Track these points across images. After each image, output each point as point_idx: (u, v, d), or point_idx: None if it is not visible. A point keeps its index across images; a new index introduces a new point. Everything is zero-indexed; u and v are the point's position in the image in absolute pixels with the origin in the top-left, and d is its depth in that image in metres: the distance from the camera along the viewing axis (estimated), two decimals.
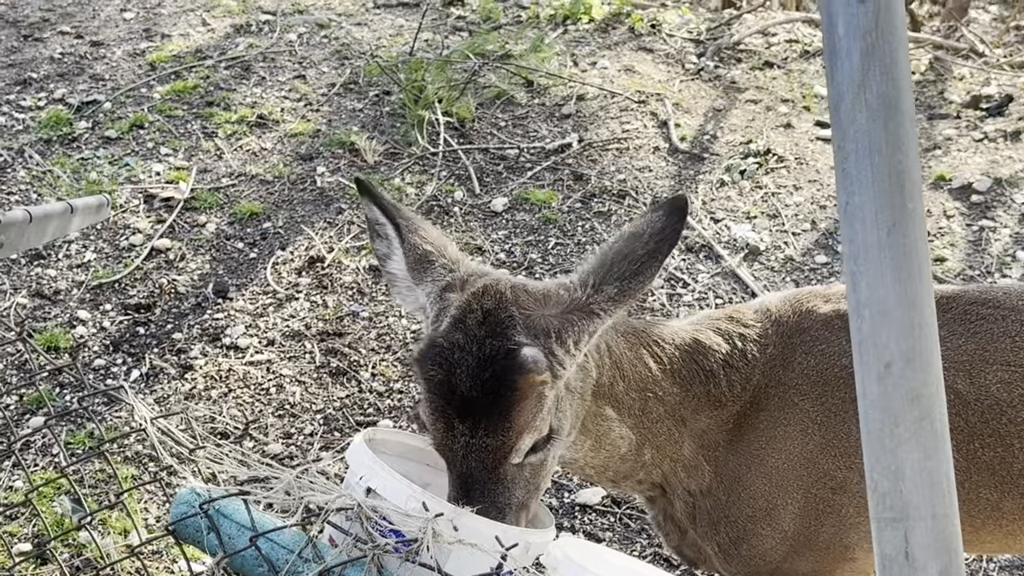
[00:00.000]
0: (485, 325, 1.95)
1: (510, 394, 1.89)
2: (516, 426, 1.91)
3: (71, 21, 6.87)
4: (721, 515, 2.44)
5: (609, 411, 2.26)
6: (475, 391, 1.90)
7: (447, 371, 1.93)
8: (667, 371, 2.34)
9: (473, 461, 1.92)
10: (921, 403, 1.32)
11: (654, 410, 2.33)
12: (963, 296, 2.45)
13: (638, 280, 2.00)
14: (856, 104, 1.36)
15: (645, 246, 2.01)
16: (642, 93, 6.28)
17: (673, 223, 2.02)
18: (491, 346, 1.93)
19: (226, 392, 4.16)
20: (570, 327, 1.99)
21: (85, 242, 4.91)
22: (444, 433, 1.95)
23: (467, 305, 1.99)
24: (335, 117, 5.93)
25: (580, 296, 2.02)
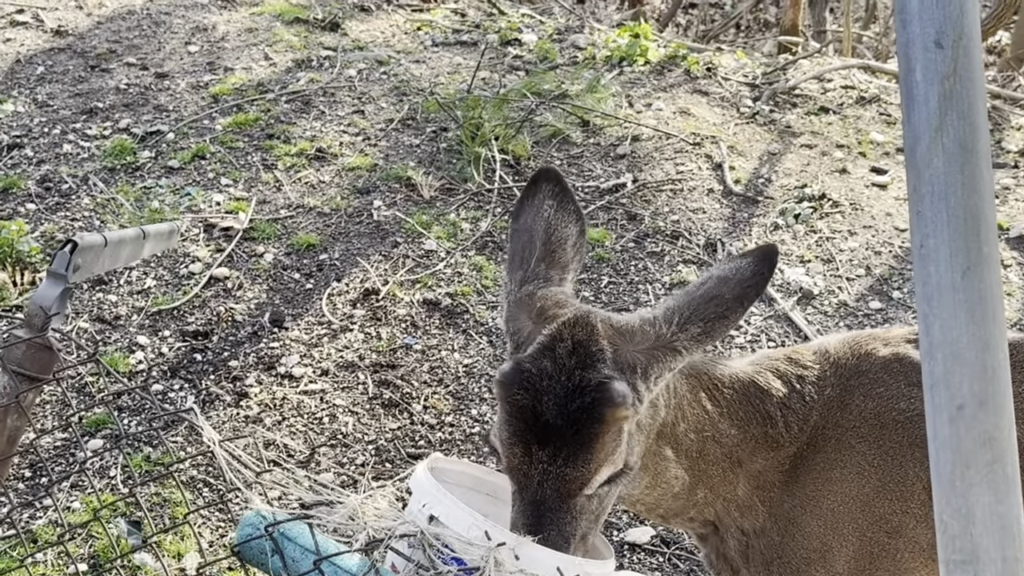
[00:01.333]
0: (575, 356, 1.97)
1: (596, 426, 1.91)
2: (597, 458, 1.92)
3: (137, 53, 7.02)
4: (775, 555, 2.43)
5: (668, 451, 2.27)
6: (561, 420, 1.92)
7: (533, 397, 1.94)
8: (724, 413, 2.35)
9: (548, 489, 1.92)
10: (993, 446, 1.32)
11: (711, 452, 2.33)
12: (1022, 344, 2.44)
13: (722, 323, 2.02)
14: (932, 148, 1.38)
15: (732, 291, 2.02)
16: (697, 135, 6.31)
17: (761, 271, 2.03)
18: (581, 377, 1.94)
19: (280, 420, 4.20)
20: (655, 363, 2.00)
21: (146, 269, 5.00)
22: (521, 458, 1.95)
23: (557, 334, 2.00)
24: (392, 152, 6.00)
25: (665, 333, 2.03)
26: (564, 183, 2.33)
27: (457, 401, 4.35)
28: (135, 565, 3.53)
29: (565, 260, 2.26)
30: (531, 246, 2.25)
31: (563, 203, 2.30)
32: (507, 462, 1.98)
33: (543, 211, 2.28)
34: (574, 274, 2.28)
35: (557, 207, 2.29)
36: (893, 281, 5.11)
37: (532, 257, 2.24)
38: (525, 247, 2.25)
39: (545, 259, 2.24)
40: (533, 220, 2.28)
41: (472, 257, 5.16)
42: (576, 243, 2.30)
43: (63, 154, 5.88)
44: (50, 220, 5.32)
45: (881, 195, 5.83)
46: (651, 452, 2.22)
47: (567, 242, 2.28)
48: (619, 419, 1.92)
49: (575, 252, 2.29)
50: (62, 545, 3.38)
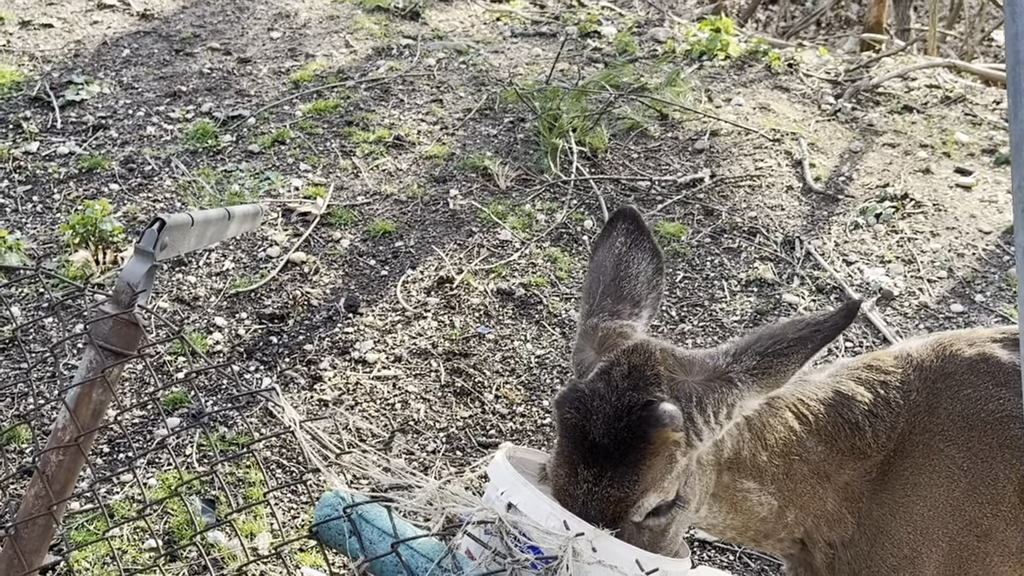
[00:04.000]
0: (629, 379, 1.96)
1: (642, 446, 1.89)
2: (643, 481, 1.90)
3: (220, 38, 7.11)
4: (863, 565, 2.39)
5: (748, 483, 2.24)
6: (607, 439, 1.91)
7: (583, 416, 1.94)
8: (812, 430, 2.32)
9: (593, 511, 1.89)
10: None
11: (798, 471, 2.30)
12: None
13: (781, 361, 1.98)
14: None
15: (798, 332, 2.00)
16: (777, 131, 6.23)
17: (837, 320, 2.00)
18: (630, 398, 1.93)
19: (353, 405, 4.23)
20: (710, 394, 1.98)
21: (224, 252, 5.07)
22: (567, 479, 1.94)
23: (616, 359, 2.00)
24: (469, 141, 6.02)
25: (721, 364, 2.02)
26: (641, 222, 2.34)
27: (529, 391, 4.35)
28: (208, 543, 3.58)
29: (636, 296, 2.25)
30: (600, 282, 2.26)
31: (637, 241, 2.31)
32: (554, 483, 1.97)
33: (615, 247, 2.29)
34: (650, 311, 2.27)
35: (630, 244, 2.30)
36: (976, 284, 5.01)
37: (598, 292, 2.25)
38: (595, 283, 2.26)
39: (612, 294, 2.25)
40: (605, 256, 2.29)
41: (547, 248, 5.15)
42: (651, 280, 2.29)
43: (146, 136, 5.98)
44: (133, 201, 5.41)
45: (965, 196, 5.71)
46: (723, 485, 2.20)
47: (638, 278, 2.28)
48: (666, 441, 1.89)
49: (649, 289, 2.29)
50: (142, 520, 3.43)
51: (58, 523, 2.36)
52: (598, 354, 2.09)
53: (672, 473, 1.95)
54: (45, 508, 2.28)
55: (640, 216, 2.35)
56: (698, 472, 2.07)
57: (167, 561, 3.50)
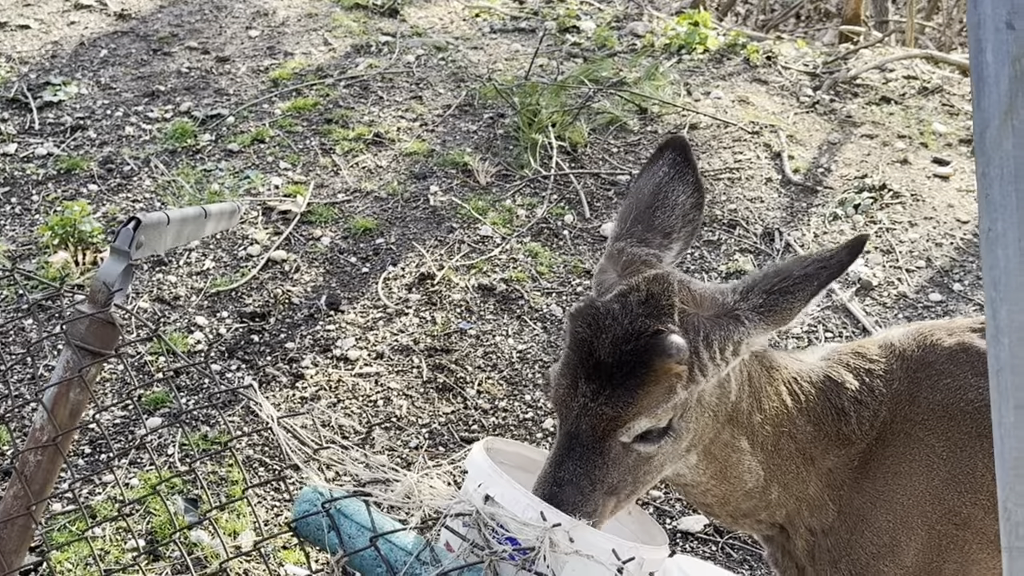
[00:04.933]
0: (645, 305, 1.98)
1: (643, 372, 1.91)
2: (637, 405, 1.92)
3: (198, 37, 7.09)
4: (843, 553, 2.40)
5: (743, 442, 2.25)
6: (612, 359, 1.94)
7: (593, 333, 1.97)
8: (802, 408, 2.33)
9: (584, 424, 1.94)
10: None
11: (786, 447, 2.31)
12: None
13: (786, 298, 1.99)
14: (1003, 130, 1.35)
15: (804, 268, 2.01)
16: (756, 124, 6.25)
17: (842, 256, 2.00)
18: (642, 324, 1.96)
19: (335, 402, 4.23)
20: (716, 330, 2.00)
21: (205, 251, 5.06)
22: (567, 390, 1.98)
23: (636, 284, 2.02)
24: (449, 138, 6.02)
25: (729, 301, 2.03)
26: (689, 154, 2.33)
27: (511, 386, 4.36)
28: (191, 542, 3.58)
29: (669, 227, 2.25)
30: (635, 207, 2.26)
31: (681, 172, 2.31)
32: (554, 393, 2.01)
33: (657, 175, 2.29)
34: (681, 245, 2.27)
35: (673, 175, 2.30)
36: (954, 273, 5.04)
37: (631, 217, 2.25)
38: (629, 208, 2.27)
39: (644, 221, 2.25)
40: (645, 183, 2.29)
41: (527, 243, 5.16)
42: (688, 214, 2.29)
43: (125, 136, 5.96)
44: (112, 201, 5.40)
45: (943, 186, 5.75)
46: (723, 441, 2.21)
47: (675, 209, 2.27)
48: (669, 371, 1.92)
49: (684, 223, 2.29)
50: (122, 519, 3.43)
51: (38, 523, 2.35)
52: (620, 277, 2.11)
53: (669, 403, 1.97)
54: (24, 508, 2.28)
55: (689, 148, 2.33)
56: (697, 410, 2.08)
57: (149, 561, 3.50)
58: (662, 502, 3.89)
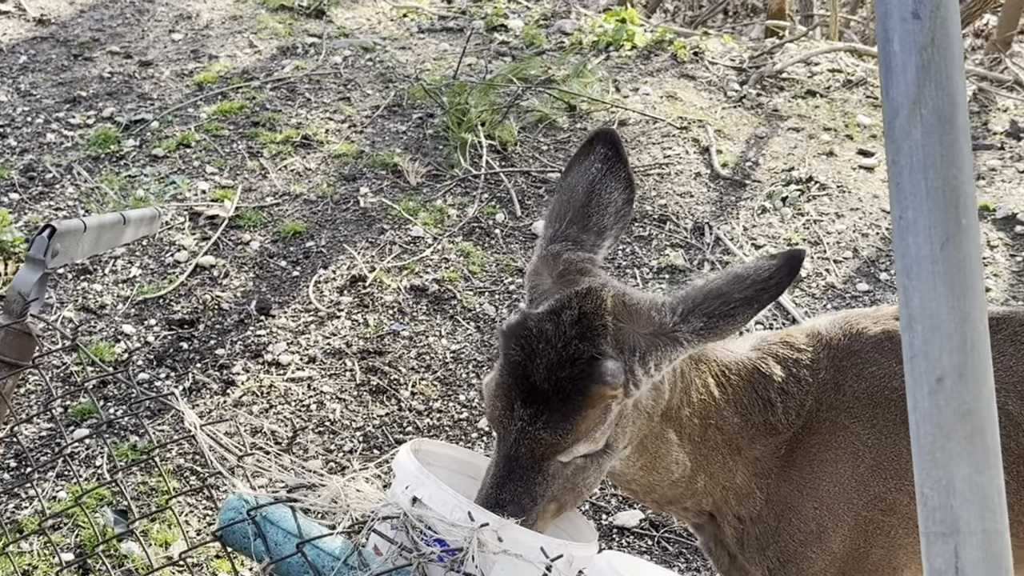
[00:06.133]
0: (578, 326, 1.96)
1: (579, 399, 1.91)
2: (575, 431, 1.92)
3: (120, 41, 6.98)
4: (771, 540, 2.43)
5: (671, 435, 2.26)
6: (547, 385, 1.93)
7: (527, 356, 1.95)
8: (730, 400, 2.34)
9: (523, 448, 1.94)
10: (973, 418, 1.32)
11: (713, 438, 2.32)
12: (1013, 318, 2.44)
13: (727, 321, 1.98)
14: (911, 119, 1.37)
15: (744, 291, 1.98)
16: (684, 119, 6.29)
17: (781, 276, 1.98)
18: (577, 348, 1.94)
19: (267, 408, 4.19)
20: (654, 350, 1.98)
21: (131, 258, 4.98)
22: (503, 412, 1.97)
23: (568, 301, 1.99)
24: (378, 139, 5.98)
25: (667, 322, 2.01)
26: (620, 148, 2.30)
27: (444, 387, 4.34)
28: (122, 554, 3.51)
29: (602, 226, 2.24)
30: (569, 206, 2.24)
31: (613, 168, 2.28)
32: (490, 411, 2.00)
33: (589, 173, 2.27)
34: (612, 242, 2.26)
35: (606, 171, 2.27)
36: (880, 263, 5.11)
37: (566, 217, 2.23)
38: (563, 206, 2.24)
39: (579, 222, 2.23)
40: (577, 180, 2.27)
41: (459, 243, 5.15)
42: (620, 211, 2.27)
43: (47, 143, 5.85)
44: (34, 210, 5.29)
45: (868, 177, 5.83)
46: (653, 434, 2.21)
47: (608, 208, 2.26)
48: (605, 397, 1.92)
49: (616, 219, 2.27)
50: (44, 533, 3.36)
51: None
52: (554, 284, 2.08)
53: (605, 423, 1.97)
54: None
55: (619, 141, 2.31)
56: (633, 414, 2.08)
57: (80, 575, 3.43)
58: (598, 498, 3.90)
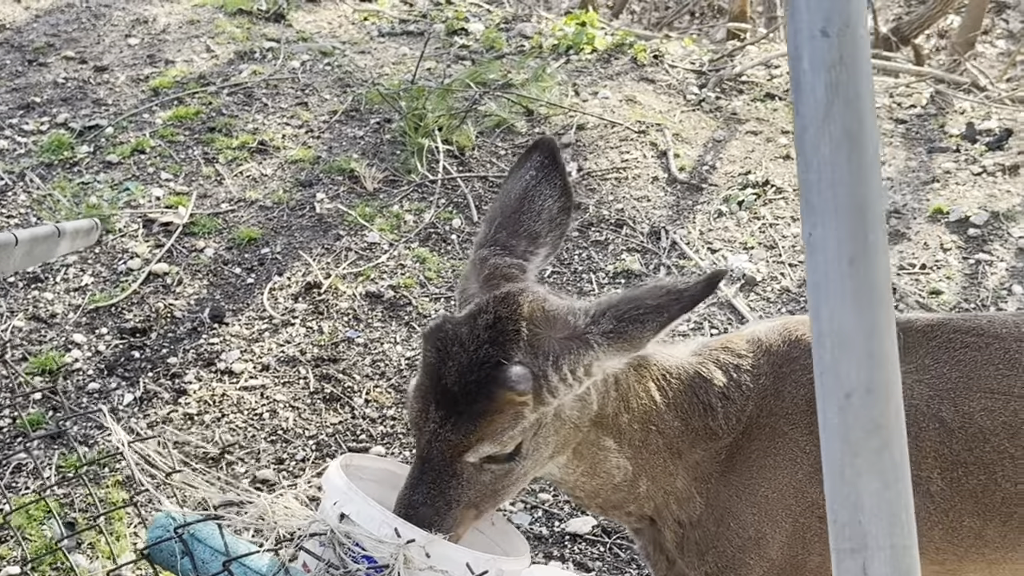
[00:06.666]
0: (491, 330, 1.98)
1: (485, 403, 1.93)
2: (479, 433, 1.95)
3: (75, 46, 6.92)
4: (710, 545, 2.44)
5: (609, 442, 2.27)
6: (457, 387, 1.95)
7: (441, 358, 1.98)
8: (670, 404, 2.35)
9: (435, 449, 1.96)
10: (881, 434, 1.33)
11: (654, 442, 2.33)
12: (947, 324, 2.46)
13: (636, 327, 1.98)
14: (820, 136, 1.37)
15: (657, 298, 1.99)
16: (642, 123, 6.31)
17: (697, 289, 1.98)
18: (486, 353, 1.96)
19: (219, 417, 4.16)
20: (566, 353, 2.00)
21: (83, 266, 4.94)
22: (418, 413, 2.01)
23: (484, 306, 2.02)
24: (336, 144, 5.96)
25: (580, 324, 2.02)
26: (557, 156, 2.32)
27: (399, 394, 4.33)
28: (69, 566, 3.48)
29: (535, 232, 2.26)
30: (501, 212, 2.26)
31: (549, 176, 2.30)
32: (409, 413, 2.04)
33: (523, 179, 2.29)
34: (548, 250, 2.28)
35: (540, 179, 2.29)
36: None
37: (495, 223, 2.25)
38: (495, 212, 2.26)
39: (509, 227, 2.25)
40: (512, 187, 2.29)
41: (415, 249, 5.13)
42: (555, 219, 2.29)
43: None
44: None
45: None
46: (588, 442, 2.23)
47: (541, 214, 2.28)
48: (512, 402, 1.93)
49: (551, 227, 2.29)
50: None
51: None
52: (480, 288, 2.11)
53: (516, 428, 1.98)
54: None
55: (558, 150, 2.32)
56: (555, 424, 2.09)
57: None
58: (551, 504, 3.90)
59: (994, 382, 2.35)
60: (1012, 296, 4.90)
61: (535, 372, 1.96)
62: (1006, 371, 2.36)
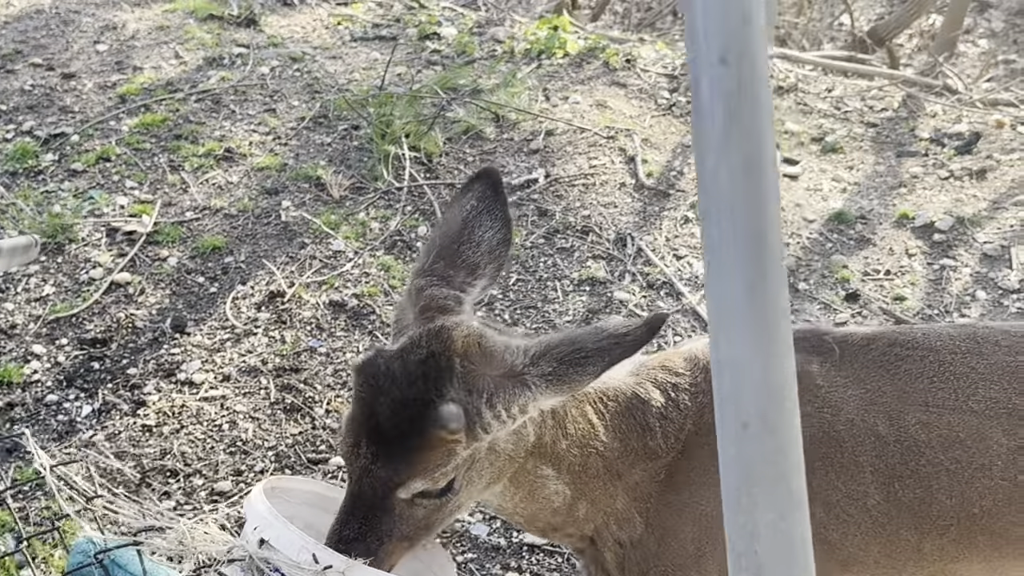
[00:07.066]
0: (423, 366, 1.97)
1: (417, 440, 1.92)
2: (411, 470, 1.94)
3: (43, 53, 6.89)
4: (651, 564, 2.44)
5: (547, 469, 2.27)
6: (389, 423, 1.94)
7: (373, 394, 1.97)
8: (608, 426, 2.35)
9: (366, 485, 1.95)
10: (777, 464, 1.32)
11: (593, 465, 2.33)
12: (883, 337, 2.46)
13: (576, 370, 1.96)
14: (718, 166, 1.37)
15: (598, 342, 1.98)
16: (612, 128, 6.30)
17: (638, 334, 1.97)
18: (418, 389, 1.95)
19: (178, 428, 4.14)
20: (501, 392, 1.98)
21: (44, 276, 4.91)
22: (350, 449, 1.99)
23: (417, 340, 2.00)
24: (303, 151, 5.94)
25: (518, 364, 2.01)
26: (499, 187, 2.32)
27: None
28: None
29: (474, 263, 2.25)
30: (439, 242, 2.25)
31: (490, 207, 2.29)
32: (340, 445, 2.02)
33: (464, 209, 2.28)
34: (487, 282, 2.26)
35: (481, 209, 2.28)
36: (800, 272, 5.14)
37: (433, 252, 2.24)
38: (435, 241, 2.26)
39: (447, 257, 2.23)
40: (452, 216, 2.28)
41: (380, 257, 5.12)
42: (494, 250, 2.28)
43: None
44: None
45: (792, 186, 5.86)
46: (524, 470, 2.22)
47: (480, 245, 2.27)
48: (444, 441, 1.92)
49: (491, 259, 2.28)
50: None
51: None
52: (415, 320, 2.09)
53: (448, 465, 1.97)
54: None
55: (500, 181, 2.32)
56: (489, 458, 2.08)
57: None
58: None
59: (928, 395, 2.36)
60: (975, 302, 4.91)
61: (468, 409, 1.94)
62: (940, 384, 2.36)
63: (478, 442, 1.99)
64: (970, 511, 2.35)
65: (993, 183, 5.87)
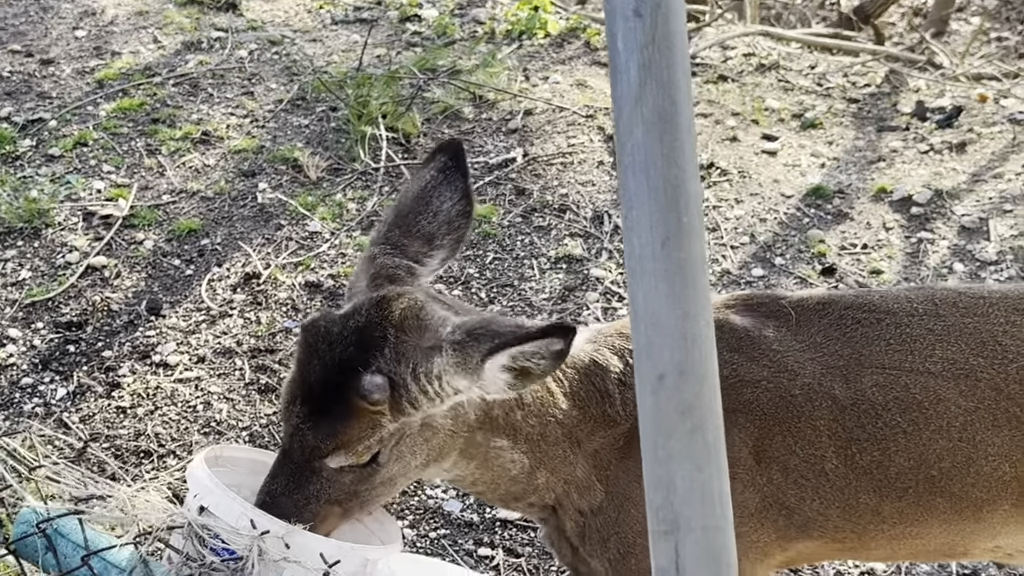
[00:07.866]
0: (359, 333, 1.96)
1: (341, 408, 1.91)
2: (336, 439, 1.94)
3: (22, 40, 6.87)
4: (611, 531, 2.43)
5: (500, 440, 2.26)
6: (320, 387, 1.95)
7: (309, 356, 1.98)
8: (567, 393, 2.34)
9: (295, 444, 1.96)
10: (693, 416, 1.32)
11: (552, 433, 2.32)
12: (839, 301, 2.46)
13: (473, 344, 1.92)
14: (633, 118, 1.37)
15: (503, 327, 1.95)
16: (591, 107, 6.29)
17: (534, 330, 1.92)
18: (349, 356, 1.95)
19: (152, 410, 4.15)
20: (424, 362, 1.96)
21: (21, 260, 4.91)
22: (286, 407, 2.01)
23: (359, 307, 2.00)
24: (280, 133, 5.93)
25: (442, 334, 1.99)
26: (462, 159, 2.30)
27: None
28: None
29: (430, 234, 2.24)
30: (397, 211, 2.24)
31: (450, 178, 2.28)
32: (280, 403, 2.10)
33: (423, 180, 2.26)
34: (445, 254, 2.25)
35: (441, 180, 2.27)
36: (776, 247, 5.14)
37: (389, 221, 2.23)
38: (393, 210, 2.25)
39: (403, 226, 2.22)
40: (412, 186, 2.27)
41: (357, 238, 5.11)
42: (453, 221, 2.27)
43: None
44: None
45: (770, 162, 5.85)
46: (475, 443, 2.21)
47: (438, 216, 2.25)
48: (365, 411, 1.91)
49: (449, 230, 2.27)
50: None
51: None
52: (366, 288, 2.09)
53: (373, 438, 1.96)
54: None
55: (463, 154, 2.30)
56: (423, 434, 2.07)
57: None
58: None
59: (885, 357, 2.35)
60: (953, 274, 4.91)
61: (395, 381, 1.93)
62: (897, 346, 2.36)
63: (405, 416, 1.97)
64: (928, 473, 2.36)
65: (973, 156, 5.86)
